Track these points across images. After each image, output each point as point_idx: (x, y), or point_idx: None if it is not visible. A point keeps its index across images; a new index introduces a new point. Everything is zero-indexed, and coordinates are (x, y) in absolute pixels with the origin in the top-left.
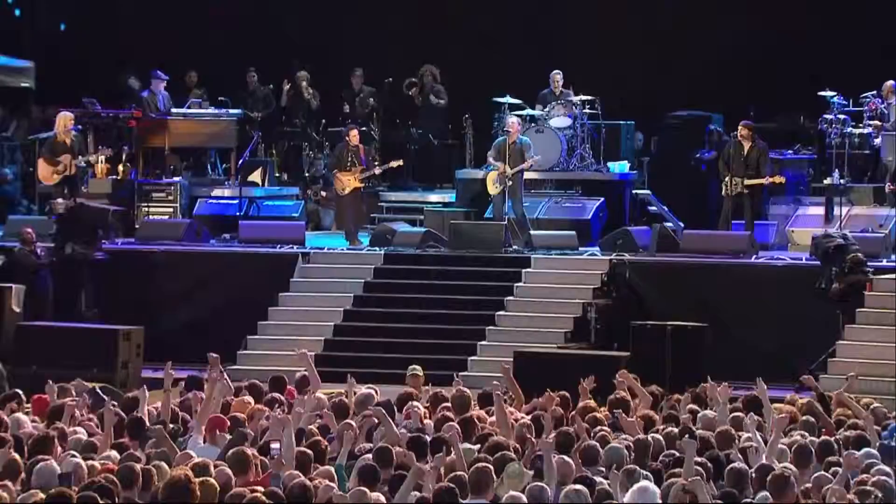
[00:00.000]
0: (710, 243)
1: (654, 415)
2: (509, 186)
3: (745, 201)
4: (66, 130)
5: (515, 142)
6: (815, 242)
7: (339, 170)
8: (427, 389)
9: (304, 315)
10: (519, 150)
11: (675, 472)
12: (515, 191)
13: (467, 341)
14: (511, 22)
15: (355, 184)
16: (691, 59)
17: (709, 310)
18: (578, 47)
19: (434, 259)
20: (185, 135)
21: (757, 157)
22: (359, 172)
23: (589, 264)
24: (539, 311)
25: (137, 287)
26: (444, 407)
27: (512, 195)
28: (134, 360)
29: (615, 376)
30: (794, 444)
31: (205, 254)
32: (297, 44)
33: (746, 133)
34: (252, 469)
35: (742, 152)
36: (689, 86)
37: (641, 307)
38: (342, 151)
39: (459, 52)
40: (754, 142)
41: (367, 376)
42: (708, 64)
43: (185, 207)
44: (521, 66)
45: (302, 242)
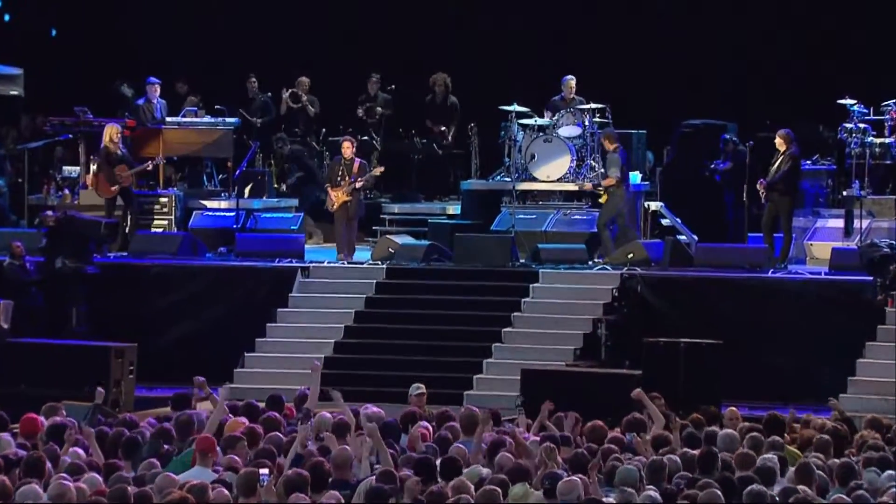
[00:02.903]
0: (725, 257)
1: (668, 435)
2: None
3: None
4: (114, 142)
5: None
6: (861, 251)
7: (331, 185)
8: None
9: (304, 332)
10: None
11: (689, 494)
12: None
13: (473, 359)
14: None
15: (343, 198)
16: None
17: (724, 326)
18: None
19: (438, 273)
20: (180, 144)
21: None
22: (346, 186)
23: (599, 279)
24: (547, 327)
25: (130, 303)
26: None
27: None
28: (126, 379)
29: (630, 394)
30: (802, 464)
31: (200, 268)
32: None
33: (779, 142)
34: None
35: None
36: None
37: (654, 323)
38: (335, 165)
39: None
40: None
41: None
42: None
43: (179, 220)
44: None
45: (301, 256)
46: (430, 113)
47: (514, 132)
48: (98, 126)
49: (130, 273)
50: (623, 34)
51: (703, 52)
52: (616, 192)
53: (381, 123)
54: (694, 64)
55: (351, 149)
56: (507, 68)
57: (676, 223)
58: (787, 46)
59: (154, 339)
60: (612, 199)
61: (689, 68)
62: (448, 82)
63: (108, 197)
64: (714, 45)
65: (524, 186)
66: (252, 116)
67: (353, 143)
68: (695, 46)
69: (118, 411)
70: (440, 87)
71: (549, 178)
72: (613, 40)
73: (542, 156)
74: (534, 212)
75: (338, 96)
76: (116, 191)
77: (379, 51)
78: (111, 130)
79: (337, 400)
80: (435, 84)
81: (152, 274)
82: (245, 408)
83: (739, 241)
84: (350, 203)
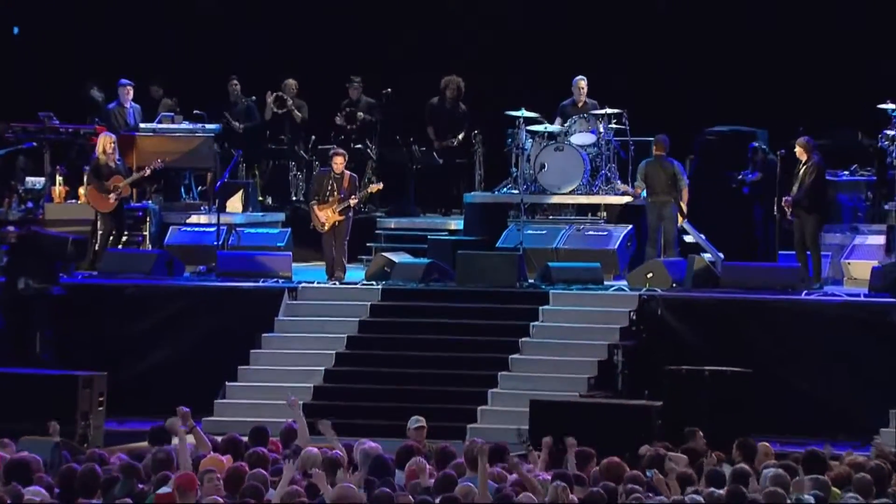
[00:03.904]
0: (754, 277)
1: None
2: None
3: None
4: (108, 153)
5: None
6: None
7: (318, 202)
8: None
9: (291, 359)
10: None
11: None
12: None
13: (477, 388)
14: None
15: (335, 217)
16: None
17: (753, 353)
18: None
19: (439, 295)
20: (154, 153)
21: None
22: (336, 204)
23: (615, 301)
24: (558, 353)
25: (100, 327)
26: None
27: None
28: (96, 412)
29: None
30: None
31: (177, 289)
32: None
33: (799, 151)
34: None
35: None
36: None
37: (675, 350)
38: (322, 178)
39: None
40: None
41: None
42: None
43: (154, 236)
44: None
45: (289, 276)
46: (435, 119)
47: (521, 140)
48: (65, 133)
49: (100, 295)
50: (640, 31)
51: (729, 52)
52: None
53: (364, 130)
54: (719, 64)
55: (343, 164)
56: (514, 70)
57: (700, 240)
58: (822, 46)
59: (126, 367)
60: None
61: (714, 69)
62: (462, 87)
63: (105, 212)
64: (742, 44)
65: (533, 199)
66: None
67: (345, 158)
68: (720, 45)
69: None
70: (452, 92)
71: (560, 191)
72: (629, 38)
73: (553, 166)
74: (544, 227)
75: (328, 101)
76: (115, 202)
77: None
78: (105, 141)
79: (326, 431)
80: (447, 87)
81: (124, 296)
82: (227, 443)
83: (770, 259)
84: (341, 222)
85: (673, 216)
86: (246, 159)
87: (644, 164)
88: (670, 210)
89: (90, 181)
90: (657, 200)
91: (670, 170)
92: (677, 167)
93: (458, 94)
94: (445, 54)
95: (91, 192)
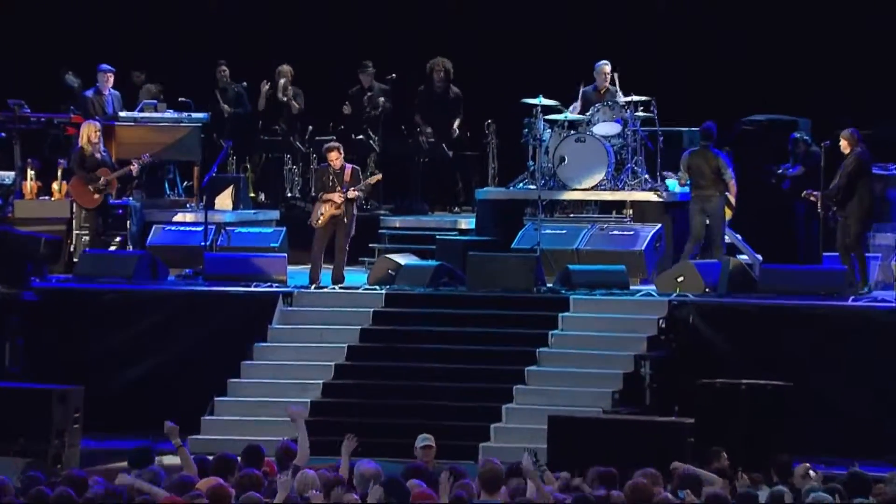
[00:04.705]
0: (795, 281)
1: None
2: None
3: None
4: (93, 143)
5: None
6: None
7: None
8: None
9: (287, 371)
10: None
11: None
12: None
13: (490, 404)
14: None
15: (332, 211)
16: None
17: (793, 365)
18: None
19: (448, 300)
20: (136, 145)
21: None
22: (337, 196)
23: (643, 307)
24: (580, 365)
25: (76, 336)
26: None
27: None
28: (71, 429)
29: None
30: None
31: (161, 294)
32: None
33: (843, 144)
34: None
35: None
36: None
37: (708, 361)
38: (322, 173)
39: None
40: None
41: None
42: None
43: (136, 236)
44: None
45: (284, 280)
46: (424, 106)
47: (539, 130)
48: (37, 123)
49: (76, 300)
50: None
51: (769, 33)
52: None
53: (379, 120)
54: (758, 47)
55: (339, 158)
56: (532, 54)
57: (736, 240)
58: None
59: (105, 380)
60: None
61: (752, 52)
62: (449, 68)
63: (89, 208)
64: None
65: (552, 195)
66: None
67: (340, 151)
68: (759, 25)
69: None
70: (439, 75)
71: (581, 186)
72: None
73: (574, 158)
74: (564, 226)
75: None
76: (100, 200)
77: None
78: (89, 129)
79: (346, 452)
80: (433, 71)
81: (103, 301)
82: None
83: (812, 262)
84: (339, 217)
85: (718, 212)
86: (236, 151)
87: (687, 154)
88: (715, 205)
89: (75, 173)
90: (700, 194)
91: (715, 162)
92: (722, 159)
93: (447, 77)
94: (455, 35)
95: (75, 186)
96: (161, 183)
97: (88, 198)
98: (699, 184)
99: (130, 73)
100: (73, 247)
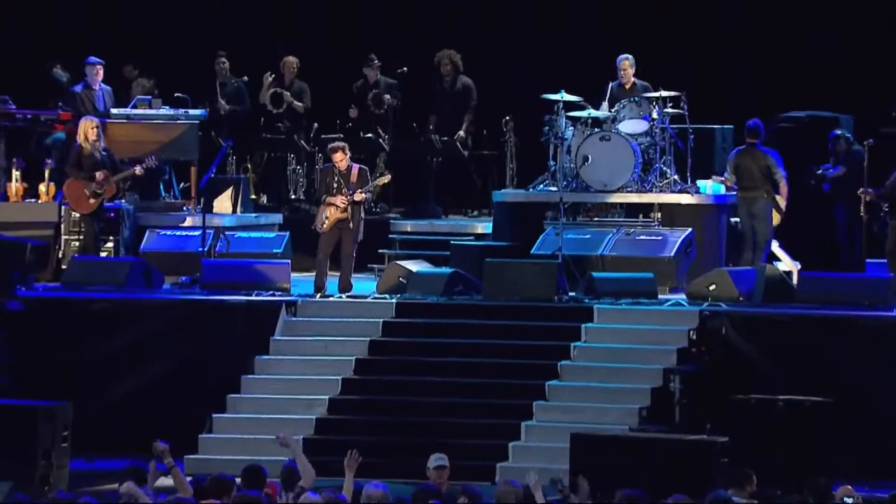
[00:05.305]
0: (837, 290)
1: None
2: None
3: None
4: (91, 140)
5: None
6: None
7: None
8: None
9: (290, 386)
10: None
11: None
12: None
13: (509, 421)
14: None
15: (338, 215)
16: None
17: (835, 380)
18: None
19: (464, 310)
20: (128, 143)
21: None
22: (343, 198)
23: (672, 318)
24: (604, 379)
25: (64, 348)
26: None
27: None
28: (59, 448)
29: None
30: None
31: (155, 304)
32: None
33: None
34: None
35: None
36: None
37: (743, 375)
38: (326, 175)
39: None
40: None
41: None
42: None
43: (128, 241)
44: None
45: (287, 289)
46: (435, 102)
47: (561, 128)
48: (22, 120)
49: (64, 310)
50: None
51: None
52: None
53: (388, 117)
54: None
55: (344, 159)
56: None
57: (773, 246)
58: None
59: (95, 396)
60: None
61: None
62: (457, 60)
63: (84, 213)
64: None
65: (575, 198)
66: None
67: (345, 151)
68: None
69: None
70: (446, 68)
71: (606, 188)
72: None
73: (598, 158)
74: (587, 231)
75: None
76: (95, 205)
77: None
78: (86, 126)
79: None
80: (440, 64)
81: (93, 311)
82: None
83: (855, 269)
84: (346, 221)
85: (766, 214)
86: (236, 150)
87: (735, 153)
88: (762, 207)
89: (71, 174)
90: (747, 196)
91: (764, 161)
92: (772, 158)
93: (455, 70)
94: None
95: (70, 188)
96: (156, 184)
97: (84, 202)
98: (746, 185)
99: (122, 66)
100: (61, 253)
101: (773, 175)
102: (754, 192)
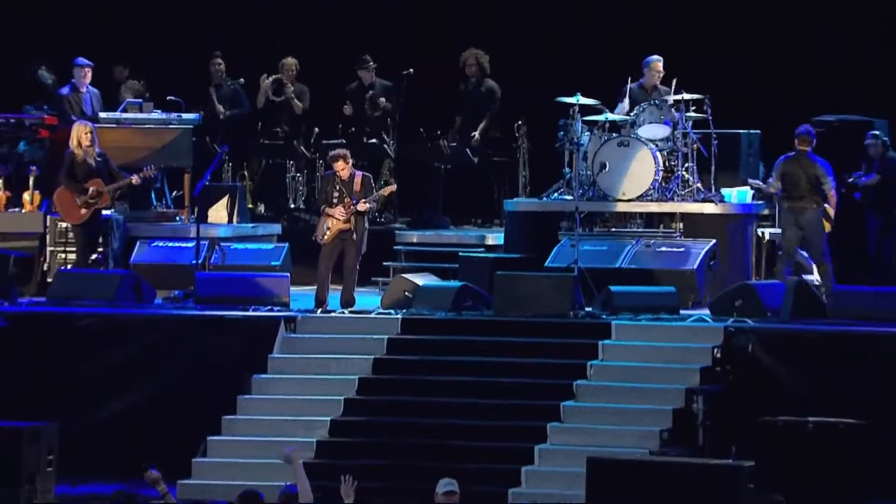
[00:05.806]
0: (869, 305)
1: None
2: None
3: None
4: (84, 147)
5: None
6: None
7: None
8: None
9: (289, 406)
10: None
11: None
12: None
13: (521, 444)
14: None
15: (340, 226)
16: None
17: (867, 400)
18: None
19: (473, 326)
20: (118, 149)
21: None
22: (346, 209)
23: (695, 335)
24: (623, 400)
25: (50, 366)
26: None
27: None
28: (44, 472)
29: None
30: None
31: (146, 319)
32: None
33: None
34: None
35: None
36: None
37: (770, 395)
38: (327, 183)
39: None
40: None
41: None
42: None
43: (118, 253)
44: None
45: (286, 303)
46: (462, 105)
47: (577, 132)
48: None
49: (50, 325)
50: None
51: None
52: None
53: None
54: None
55: (346, 167)
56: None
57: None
58: None
59: (82, 416)
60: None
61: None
62: (484, 62)
63: (75, 223)
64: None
65: (591, 207)
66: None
67: (347, 160)
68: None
69: None
70: (472, 69)
71: (625, 196)
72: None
73: (617, 165)
74: (605, 242)
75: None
76: (86, 215)
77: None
78: (80, 131)
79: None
80: (465, 64)
81: (80, 327)
82: None
83: (888, 283)
84: (348, 232)
85: (816, 225)
86: (232, 157)
87: (782, 160)
88: (811, 218)
89: (63, 182)
90: (794, 206)
91: (813, 170)
92: (821, 166)
93: (481, 72)
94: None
95: (60, 197)
96: (147, 193)
97: (74, 211)
98: (793, 194)
99: (112, 67)
100: (46, 265)
101: (823, 185)
102: (802, 203)
